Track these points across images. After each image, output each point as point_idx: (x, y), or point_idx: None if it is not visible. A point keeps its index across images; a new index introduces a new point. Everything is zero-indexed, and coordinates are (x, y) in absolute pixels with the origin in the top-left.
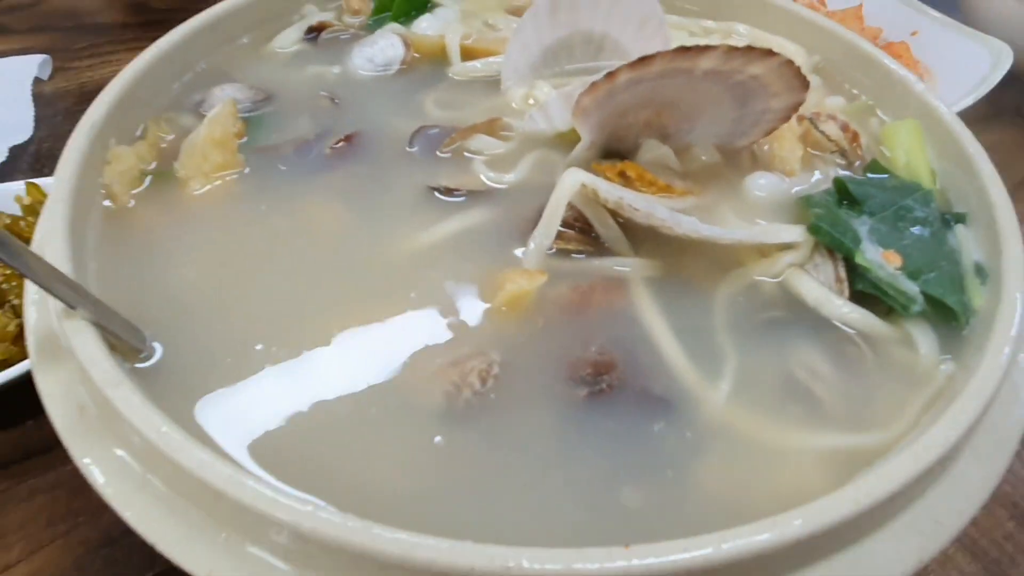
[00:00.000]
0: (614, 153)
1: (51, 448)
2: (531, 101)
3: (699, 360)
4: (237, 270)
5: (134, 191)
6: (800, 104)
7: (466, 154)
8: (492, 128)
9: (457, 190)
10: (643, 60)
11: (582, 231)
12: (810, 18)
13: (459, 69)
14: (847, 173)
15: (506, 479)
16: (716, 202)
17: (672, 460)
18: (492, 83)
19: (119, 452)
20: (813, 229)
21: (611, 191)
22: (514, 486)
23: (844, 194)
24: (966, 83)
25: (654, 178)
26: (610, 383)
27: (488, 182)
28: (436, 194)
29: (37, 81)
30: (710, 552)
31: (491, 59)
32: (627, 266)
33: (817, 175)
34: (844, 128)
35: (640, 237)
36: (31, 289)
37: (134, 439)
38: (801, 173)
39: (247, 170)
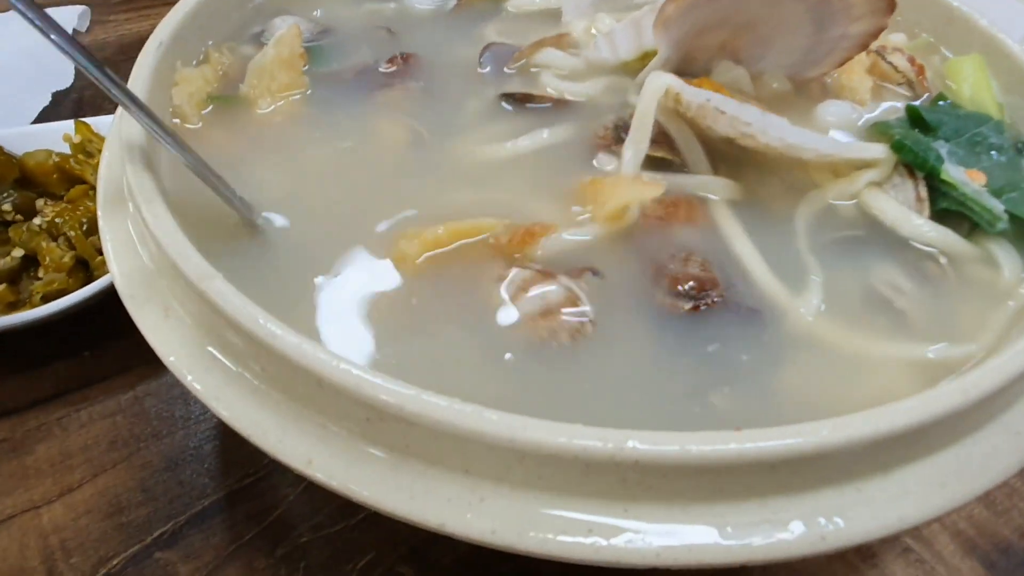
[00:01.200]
0: (686, 74)
1: (109, 376)
2: (592, 31)
3: (784, 274)
4: (313, 181)
5: (202, 112)
6: (882, 30)
7: (532, 70)
8: (560, 43)
9: (531, 96)
10: None
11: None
12: None
13: (517, 2)
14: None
15: (606, 380)
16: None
17: (763, 367)
18: (549, 17)
19: (209, 349)
20: (897, 146)
21: (697, 93)
22: (613, 386)
23: (917, 121)
24: None
25: (731, 95)
26: (714, 299)
27: (567, 95)
28: (504, 105)
29: (75, 33)
30: (825, 435)
31: None
32: (709, 185)
33: (884, 105)
34: (911, 61)
35: (715, 162)
36: (103, 197)
37: (227, 333)
38: (870, 103)
39: (310, 91)
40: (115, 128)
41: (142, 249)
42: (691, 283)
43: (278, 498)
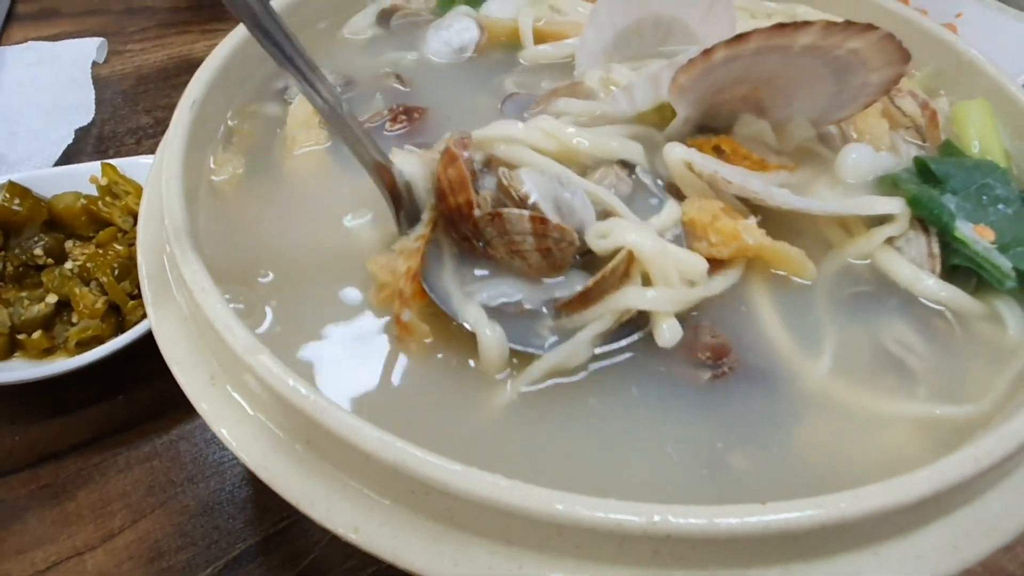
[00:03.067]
0: (709, 128)
1: (143, 420)
2: (612, 88)
3: (798, 334)
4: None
5: (236, 171)
6: (900, 77)
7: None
8: (574, 92)
9: None
10: (739, 37)
11: None
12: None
13: (531, 53)
14: (922, 153)
15: (632, 445)
16: (811, 178)
17: (778, 427)
18: (563, 67)
19: (256, 415)
20: (912, 201)
21: (705, 163)
22: (639, 450)
23: (925, 173)
24: (1012, 65)
25: (748, 152)
26: (730, 365)
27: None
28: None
29: (93, 64)
30: (844, 507)
31: (564, 42)
32: None
33: (905, 150)
34: (924, 106)
35: None
36: (144, 261)
37: (273, 404)
38: (890, 148)
39: (329, 143)
40: (153, 183)
41: (187, 312)
42: (708, 352)
43: (311, 543)
